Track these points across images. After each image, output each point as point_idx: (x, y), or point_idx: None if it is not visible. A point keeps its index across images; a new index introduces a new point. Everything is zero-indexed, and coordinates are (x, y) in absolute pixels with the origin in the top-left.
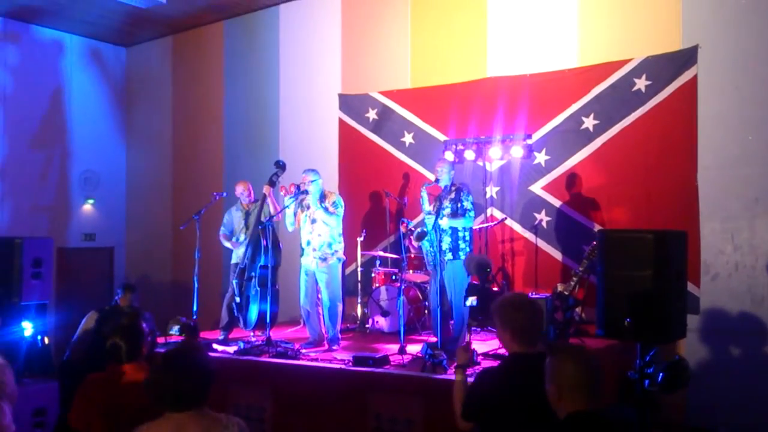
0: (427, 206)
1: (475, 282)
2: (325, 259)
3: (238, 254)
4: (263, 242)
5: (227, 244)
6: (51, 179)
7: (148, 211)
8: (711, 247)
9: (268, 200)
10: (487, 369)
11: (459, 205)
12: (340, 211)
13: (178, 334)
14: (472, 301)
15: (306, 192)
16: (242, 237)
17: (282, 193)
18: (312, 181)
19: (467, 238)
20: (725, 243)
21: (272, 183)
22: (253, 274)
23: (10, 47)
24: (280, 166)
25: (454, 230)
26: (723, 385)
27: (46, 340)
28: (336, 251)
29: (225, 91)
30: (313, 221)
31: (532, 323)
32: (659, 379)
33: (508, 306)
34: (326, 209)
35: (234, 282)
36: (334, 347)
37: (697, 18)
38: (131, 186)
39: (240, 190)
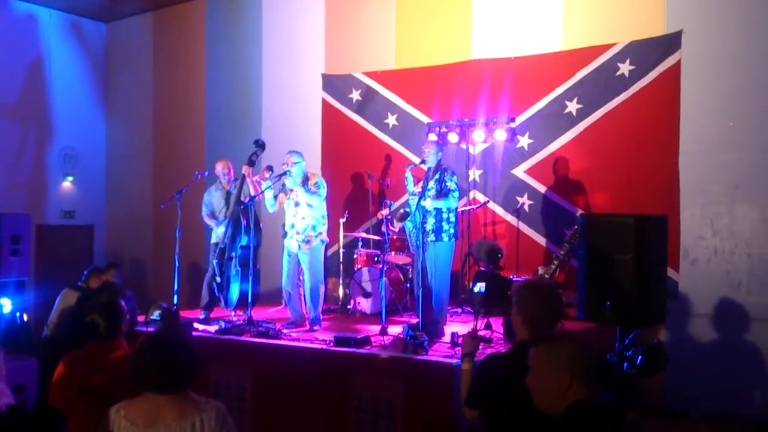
0: (412, 187)
1: (483, 268)
2: (308, 242)
3: (217, 234)
4: (243, 222)
5: (212, 224)
6: (30, 155)
7: (128, 189)
8: (690, 232)
9: (248, 180)
10: (493, 355)
11: (443, 185)
12: (323, 191)
13: (158, 319)
14: (480, 287)
15: (285, 174)
16: (222, 216)
17: (255, 178)
18: (295, 163)
19: (451, 219)
20: (705, 228)
21: (251, 162)
22: (233, 254)
23: None
24: (260, 145)
25: (438, 211)
26: (699, 369)
27: (25, 317)
28: (320, 233)
29: (207, 69)
30: (297, 204)
31: (546, 312)
32: (638, 363)
33: (525, 290)
34: (308, 189)
35: (214, 262)
36: (316, 328)
37: (681, 3)
38: (111, 163)
39: (220, 168)
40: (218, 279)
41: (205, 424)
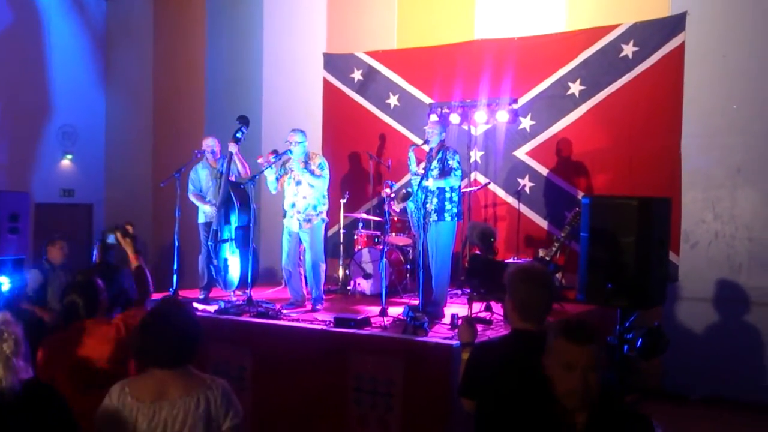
0: (415, 167)
1: (477, 252)
2: (309, 221)
3: (205, 212)
4: (236, 203)
5: (201, 204)
6: (28, 132)
7: (127, 167)
8: (692, 216)
9: (235, 158)
10: (484, 343)
11: (445, 164)
12: (326, 172)
13: (114, 242)
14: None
15: (287, 153)
16: (210, 196)
17: (259, 161)
18: (298, 143)
19: (454, 199)
20: (706, 212)
21: (237, 140)
22: (227, 235)
23: None
24: (244, 121)
25: (441, 191)
26: (698, 352)
27: None
28: (320, 212)
29: (207, 46)
30: (298, 183)
31: (536, 298)
32: (638, 345)
33: (515, 275)
34: (312, 172)
35: (210, 244)
36: (318, 307)
37: None
38: (111, 141)
39: (209, 144)
40: (215, 261)
41: (211, 402)
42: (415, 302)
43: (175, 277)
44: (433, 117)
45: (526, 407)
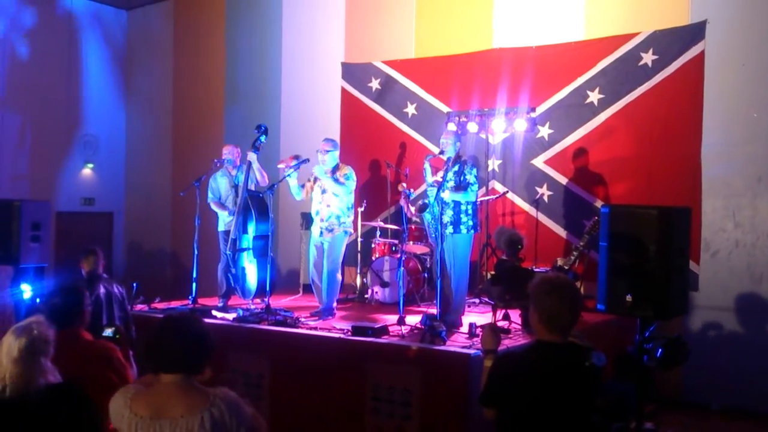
0: (430, 178)
1: (504, 257)
2: (331, 230)
3: (225, 221)
4: (254, 212)
5: (221, 212)
6: (50, 142)
7: (147, 177)
8: (712, 224)
9: (254, 167)
10: (508, 353)
11: (462, 178)
12: (350, 183)
13: (111, 335)
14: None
15: (305, 161)
16: (230, 204)
17: (280, 166)
18: (327, 151)
19: (470, 211)
20: (726, 220)
21: (256, 149)
22: (246, 245)
23: (8, 9)
24: (263, 130)
25: (457, 204)
26: (719, 363)
27: None
28: (343, 223)
29: (226, 57)
30: (323, 191)
31: (563, 310)
32: (658, 355)
33: (540, 286)
34: (336, 179)
35: (228, 253)
36: (327, 318)
37: None
38: (131, 151)
39: (227, 152)
40: (233, 270)
41: (216, 418)
42: (433, 311)
43: (194, 285)
44: (451, 126)
45: (548, 418)
